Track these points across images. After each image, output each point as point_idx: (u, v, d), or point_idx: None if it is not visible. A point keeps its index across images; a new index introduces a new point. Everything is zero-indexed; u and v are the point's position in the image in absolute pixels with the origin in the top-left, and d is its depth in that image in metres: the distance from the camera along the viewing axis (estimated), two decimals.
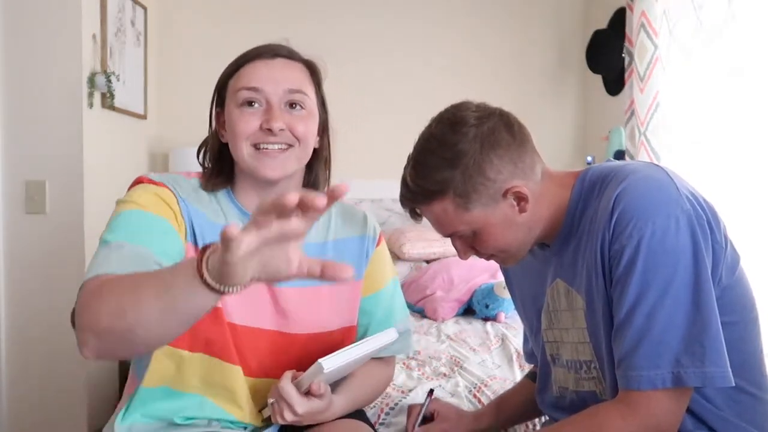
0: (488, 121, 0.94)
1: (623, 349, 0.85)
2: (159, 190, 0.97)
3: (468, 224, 0.94)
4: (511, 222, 0.95)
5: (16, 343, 2.07)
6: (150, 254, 0.87)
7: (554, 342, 1.05)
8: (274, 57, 1.01)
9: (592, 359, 0.96)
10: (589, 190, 0.95)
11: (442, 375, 1.70)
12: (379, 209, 3.14)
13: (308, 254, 0.91)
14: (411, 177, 0.95)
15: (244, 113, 0.98)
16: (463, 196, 0.92)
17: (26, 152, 2.02)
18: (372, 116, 3.12)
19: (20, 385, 2.08)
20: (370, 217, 1.16)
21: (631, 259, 0.84)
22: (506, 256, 1.01)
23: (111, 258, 0.85)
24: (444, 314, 2.32)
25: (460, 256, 1.01)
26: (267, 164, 0.98)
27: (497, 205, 0.93)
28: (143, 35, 2.60)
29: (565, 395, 1.03)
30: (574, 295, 0.97)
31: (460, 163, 0.91)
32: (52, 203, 2.04)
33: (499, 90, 3.13)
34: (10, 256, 2.05)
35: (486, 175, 0.91)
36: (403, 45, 3.11)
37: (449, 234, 0.98)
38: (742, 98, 1.97)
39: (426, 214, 0.98)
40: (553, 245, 1.01)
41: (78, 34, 2.03)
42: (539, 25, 3.11)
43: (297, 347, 1.04)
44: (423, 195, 0.95)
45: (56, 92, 2.02)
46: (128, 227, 0.91)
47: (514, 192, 0.93)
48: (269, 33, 3.53)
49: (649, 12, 2.34)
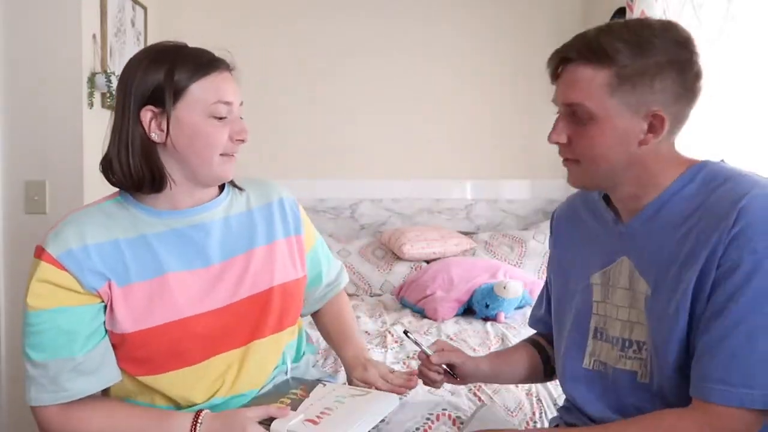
0: (690, 54, 0.93)
1: (715, 363, 0.85)
2: (56, 276, 1.00)
3: (598, 106, 0.91)
4: (626, 141, 0.92)
5: (16, 344, 2.07)
6: (75, 359, 0.99)
7: (603, 316, 1.03)
8: (227, 68, 1.07)
9: (646, 342, 0.96)
10: (701, 185, 0.93)
11: None
12: (379, 209, 3.14)
13: (238, 223, 1.15)
14: (596, 30, 0.93)
15: (217, 126, 1.04)
16: (622, 79, 0.90)
17: (26, 152, 2.02)
18: (371, 116, 3.12)
19: (20, 385, 2.07)
20: (279, 186, 1.26)
21: (747, 276, 0.83)
22: (585, 169, 0.97)
23: (53, 385, 0.99)
24: (444, 314, 2.32)
25: (551, 135, 0.98)
26: (229, 168, 1.08)
27: (633, 117, 0.91)
28: (143, 35, 2.60)
29: (601, 369, 1.02)
30: (638, 278, 0.96)
31: (643, 54, 0.89)
32: (52, 203, 2.04)
33: (499, 89, 3.14)
34: (10, 256, 2.05)
35: (653, 84, 0.90)
36: (403, 45, 3.11)
37: (572, 103, 0.94)
38: (742, 98, 1.97)
39: (571, 72, 0.94)
40: (631, 223, 0.99)
41: (78, 34, 2.03)
42: (539, 25, 3.11)
43: (255, 307, 1.12)
44: (591, 51, 0.91)
45: (56, 92, 2.02)
46: (44, 341, 1.00)
47: (658, 117, 0.91)
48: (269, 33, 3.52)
49: (649, 12, 2.33)
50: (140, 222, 1.06)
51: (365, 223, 3.16)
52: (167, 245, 1.06)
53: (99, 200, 1.11)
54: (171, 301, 1.04)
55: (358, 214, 3.15)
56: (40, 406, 1.00)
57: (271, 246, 1.16)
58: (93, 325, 1.01)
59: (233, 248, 1.12)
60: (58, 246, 1.00)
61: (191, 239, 1.08)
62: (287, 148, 3.08)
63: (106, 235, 1.03)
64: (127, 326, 1.01)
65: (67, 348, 0.99)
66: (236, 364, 1.09)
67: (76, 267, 0.99)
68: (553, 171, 3.18)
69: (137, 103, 1.02)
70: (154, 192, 1.05)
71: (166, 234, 1.07)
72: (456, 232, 2.91)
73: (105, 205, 1.09)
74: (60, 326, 0.99)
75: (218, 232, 1.11)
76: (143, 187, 1.04)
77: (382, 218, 3.17)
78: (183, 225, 1.08)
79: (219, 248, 1.10)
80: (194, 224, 1.09)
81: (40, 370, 0.99)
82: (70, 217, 1.06)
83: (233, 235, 1.12)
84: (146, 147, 1.03)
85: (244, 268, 1.11)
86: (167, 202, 1.08)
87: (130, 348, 1.03)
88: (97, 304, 1.02)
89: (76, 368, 0.99)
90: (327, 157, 3.12)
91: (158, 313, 1.03)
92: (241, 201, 1.17)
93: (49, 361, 0.99)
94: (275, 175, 2.09)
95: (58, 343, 0.99)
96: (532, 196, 3.20)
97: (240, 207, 1.16)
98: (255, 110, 2.20)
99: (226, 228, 1.12)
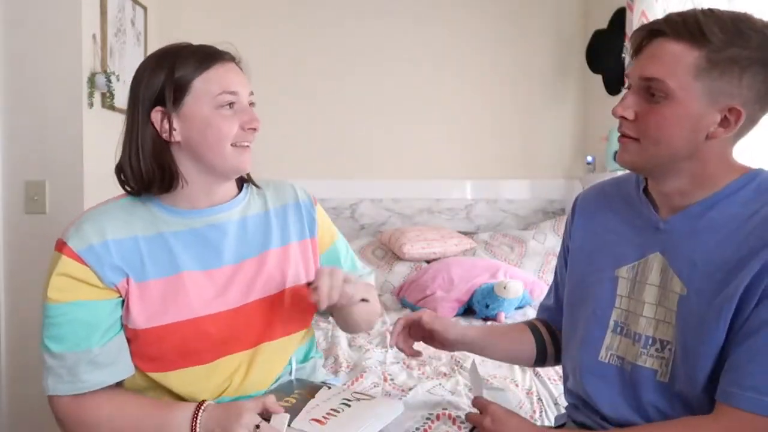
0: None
1: (749, 371, 0.85)
2: (76, 271, 1.00)
3: (678, 85, 0.88)
4: (696, 129, 0.89)
5: (16, 343, 2.07)
6: (92, 351, 1.01)
7: (626, 311, 1.01)
8: (229, 60, 1.08)
9: (672, 342, 0.95)
10: (757, 193, 0.92)
11: (443, 374, 1.70)
12: (379, 209, 3.15)
13: (255, 224, 1.14)
14: (696, 11, 0.89)
15: (226, 116, 1.05)
16: (711, 63, 0.86)
17: (26, 152, 2.02)
18: (371, 117, 3.13)
19: (20, 385, 2.08)
20: (296, 186, 1.26)
21: None
22: (644, 149, 0.93)
23: (70, 375, 1.00)
24: (444, 314, 2.31)
25: (617, 109, 0.94)
26: (245, 159, 1.08)
27: (710, 106, 0.88)
28: (143, 35, 2.60)
29: (617, 364, 1.01)
30: (672, 277, 0.95)
31: (739, 44, 0.86)
32: (52, 203, 2.04)
33: (498, 89, 3.14)
34: (10, 257, 2.05)
35: (741, 76, 0.86)
36: (403, 45, 3.11)
37: (651, 77, 0.90)
38: None
39: (658, 46, 0.90)
40: (672, 219, 0.97)
41: (78, 34, 2.03)
42: (539, 25, 3.12)
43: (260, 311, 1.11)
44: (687, 29, 0.87)
45: (56, 92, 2.02)
46: (63, 333, 1.00)
47: (734, 112, 0.88)
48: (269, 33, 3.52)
49: (649, 12, 2.33)
50: (159, 220, 1.07)
51: (365, 223, 3.16)
52: (184, 244, 1.07)
53: (119, 196, 1.11)
54: (185, 300, 1.05)
55: (358, 214, 3.16)
56: (56, 395, 1.02)
57: (285, 248, 1.16)
58: (111, 319, 1.03)
59: (247, 250, 1.12)
60: (80, 241, 1.01)
61: (208, 239, 1.09)
62: (287, 148, 3.09)
63: (125, 231, 1.04)
64: (140, 322, 1.03)
65: (85, 340, 1.00)
66: (245, 365, 1.10)
67: (97, 263, 1.01)
68: (553, 171, 3.19)
69: (146, 106, 1.04)
70: (164, 192, 1.06)
71: (183, 233, 1.08)
72: (456, 232, 2.91)
73: (125, 201, 1.09)
74: (79, 319, 1.00)
75: (234, 233, 1.11)
76: (153, 188, 1.05)
77: (382, 218, 3.17)
78: (201, 224, 1.09)
79: (234, 249, 1.11)
80: (212, 224, 1.10)
81: (57, 360, 1.00)
82: (91, 212, 1.07)
83: (248, 236, 1.13)
84: (158, 147, 1.05)
85: (256, 270, 1.12)
86: (186, 201, 1.09)
87: (142, 344, 1.04)
88: (116, 298, 1.03)
89: (93, 360, 1.00)
90: (327, 157, 3.12)
91: (171, 312, 1.04)
92: (258, 202, 1.18)
93: (67, 353, 1.00)
94: (275, 175, 2.08)
95: (76, 335, 1.00)
96: (532, 196, 3.20)
97: (257, 208, 1.17)
98: (255, 110, 2.20)
99: (242, 229, 1.13)
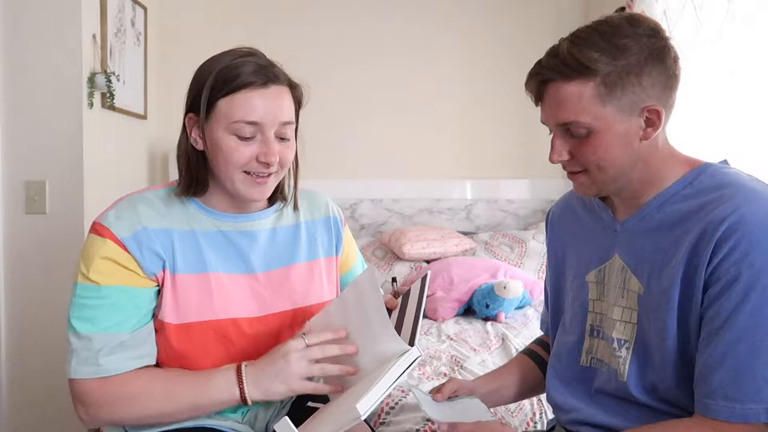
0: (663, 41, 0.91)
1: (719, 379, 0.85)
2: (120, 256, 0.99)
3: (593, 118, 0.90)
4: (628, 142, 0.92)
5: (16, 343, 2.07)
6: (121, 335, 0.99)
7: (599, 314, 1.04)
8: (267, 84, 1.01)
9: (630, 340, 0.96)
10: (700, 189, 0.92)
11: (443, 375, 1.70)
12: (379, 209, 3.14)
13: (284, 236, 1.14)
14: (567, 46, 0.90)
15: (239, 145, 1.01)
16: (609, 87, 0.88)
17: (26, 152, 2.02)
18: (372, 117, 3.12)
19: (20, 385, 2.08)
20: (330, 201, 1.26)
21: (746, 292, 0.83)
22: (594, 178, 0.95)
23: (95, 358, 0.98)
24: (444, 314, 2.32)
25: (552, 156, 0.97)
26: (256, 190, 1.04)
27: (629, 117, 0.90)
28: (143, 35, 2.60)
29: (598, 367, 1.03)
30: (630, 277, 0.97)
31: (622, 56, 0.88)
32: (52, 203, 2.04)
33: (498, 89, 3.14)
34: (10, 256, 2.05)
35: (640, 81, 0.88)
36: (402, 45, 3.11)
37: (565, 122, 0.92)
38: (742, 98, 1.97)
39: (555, 92, 0.92)
40: (627, 221, 0.99)
41: (78, 34, 2.03)
42: (540, 25, 3.12)
43: (280, 324, 1.11)
44: (570, 68, 0.89)
45: (56, 92, 2.02)
46: (96, 315, 0.99)
47: (654, 111, 0.90)
48: (269, 33, 3.51)
49: (648, 12, 2.34)
50: (192, 217, 1.07)
51: (365, 223, 3.16)
52: (213, 245, 1.07)
53: (158, 186, 1.11)
54: (208, 300, 1.04)
55: (358, 214, 3.15)
56: (79, 378, 0.98)
57: (311, 264, 1.16)
58: (147, 307, 1.02)
59: (274, 260, 1.12)
60: (123, 228, 1.00)
61: (236, 244, 1.08)
62: None
63: (160, 222, 1.04)
64: (166, 314, 1.02)
65: (117, 325, 0.99)
66: None
67: (138, 251, 1.00)
68: (552, 171, 3.18)
69: (186, 109, 1.06)
70: (193, 195, 1.07)
71: (213, 234, 1.07)
72: (456, 232, 2.91)
73: (163, 192, 1.09)
74: (117, 303, 0.99)
75: (264, 242, 1.11)
76: (187, 190, 1.06)
77: (382, 218, 3.17)
78: (231, 229, 1.09)
79: (261, 258, 1.10)
80: (242, 230, 1.09)
81: (84, 342, 0.98)
82: (130, 199, 1.05)
83: (277, 247, 1.13)
84: (189, 151, 1.06)
85: (280, 282, 1.11)
86: (222, 203, 1.09)
87: (165, 337, 1.03)
88: (154, 287, 1.03)
89: (122, 345, 0.99)
90: (327, 157, 3.12)
91: (197, 310, 1.03)
92: (291, 213, 1.17)
93: (95, 335, 0.98)
94: None
95: (110, 319, 0.99)
96: (531, 196, 3.20)
97: (289, 219, 1.16)
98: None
99: (272, 239, 1.12)
